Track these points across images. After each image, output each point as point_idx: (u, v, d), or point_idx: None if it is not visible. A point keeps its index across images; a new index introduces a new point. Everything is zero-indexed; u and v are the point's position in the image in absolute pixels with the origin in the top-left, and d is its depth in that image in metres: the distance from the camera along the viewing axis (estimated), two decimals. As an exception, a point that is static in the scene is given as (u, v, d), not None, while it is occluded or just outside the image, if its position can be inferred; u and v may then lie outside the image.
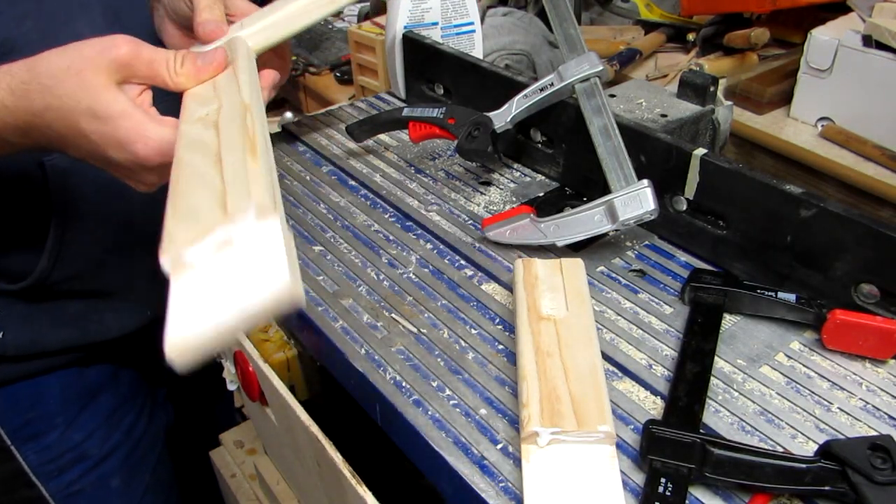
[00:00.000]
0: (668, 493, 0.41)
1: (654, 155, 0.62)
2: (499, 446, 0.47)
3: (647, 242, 0.65)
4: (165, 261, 0.37)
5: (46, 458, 0.74)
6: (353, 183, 0.77)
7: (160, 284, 0.85)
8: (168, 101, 0.55)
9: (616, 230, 0.62)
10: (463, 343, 0.55)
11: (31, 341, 0.70)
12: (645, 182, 0.57)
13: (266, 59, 0.64)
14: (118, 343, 0.75)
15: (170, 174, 0.49)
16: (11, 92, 0.49)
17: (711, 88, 0.74)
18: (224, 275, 0.35)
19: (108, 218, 0.71)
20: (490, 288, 0.61)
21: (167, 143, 0.50)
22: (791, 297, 0.54)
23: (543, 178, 0.76)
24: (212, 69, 0.55)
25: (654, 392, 0.50)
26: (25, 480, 0.73)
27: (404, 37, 0.88)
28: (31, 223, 0.65)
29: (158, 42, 0.76)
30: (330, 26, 1.81)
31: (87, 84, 0.49)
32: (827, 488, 0.41)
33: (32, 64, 0.49)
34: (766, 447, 0.45)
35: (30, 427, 0.73)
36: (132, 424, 0.80)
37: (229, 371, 0.75)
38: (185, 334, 0.34)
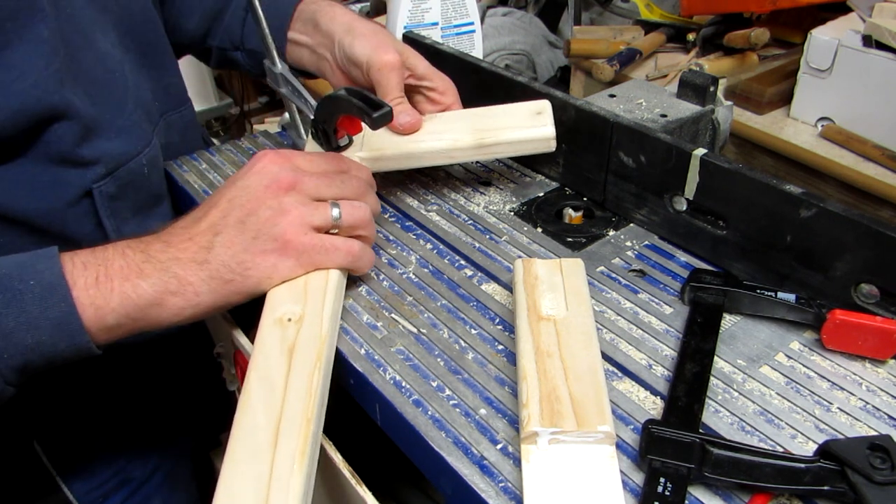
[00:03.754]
0: (667, 493, 0.41)
1: (654, 155, 0.62)
2: (499, 446, 0.47)
3: (647, 242, 0.65)
4: None
5: (93, 485, 0.73)
6: (353, 183, 0.77)
7: None
8: None
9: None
10: (463, 343, 0.55)
11: None
12: None
13: None
14: (143, 355, 0.75)
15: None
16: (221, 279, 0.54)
17: (711, 88, 0.74)
18: None
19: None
20: (490, 288, 0.61)
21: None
22: (791, 297, 0.54)
23: (543, 178, 0.76)
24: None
25: (654, 392, 0.50)
26: None
27: (404, 37, 0.88)
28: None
29: (170, 53, 0.76)
30: (330, 26, 1.81)
31: None
32: (826, 488, 0.41)
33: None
34: (765, 447, 0.45)
35: (76, 455, 0.73)
36: (166, 442, 0.81)
37: (229, 371, 0.75)
38: None
